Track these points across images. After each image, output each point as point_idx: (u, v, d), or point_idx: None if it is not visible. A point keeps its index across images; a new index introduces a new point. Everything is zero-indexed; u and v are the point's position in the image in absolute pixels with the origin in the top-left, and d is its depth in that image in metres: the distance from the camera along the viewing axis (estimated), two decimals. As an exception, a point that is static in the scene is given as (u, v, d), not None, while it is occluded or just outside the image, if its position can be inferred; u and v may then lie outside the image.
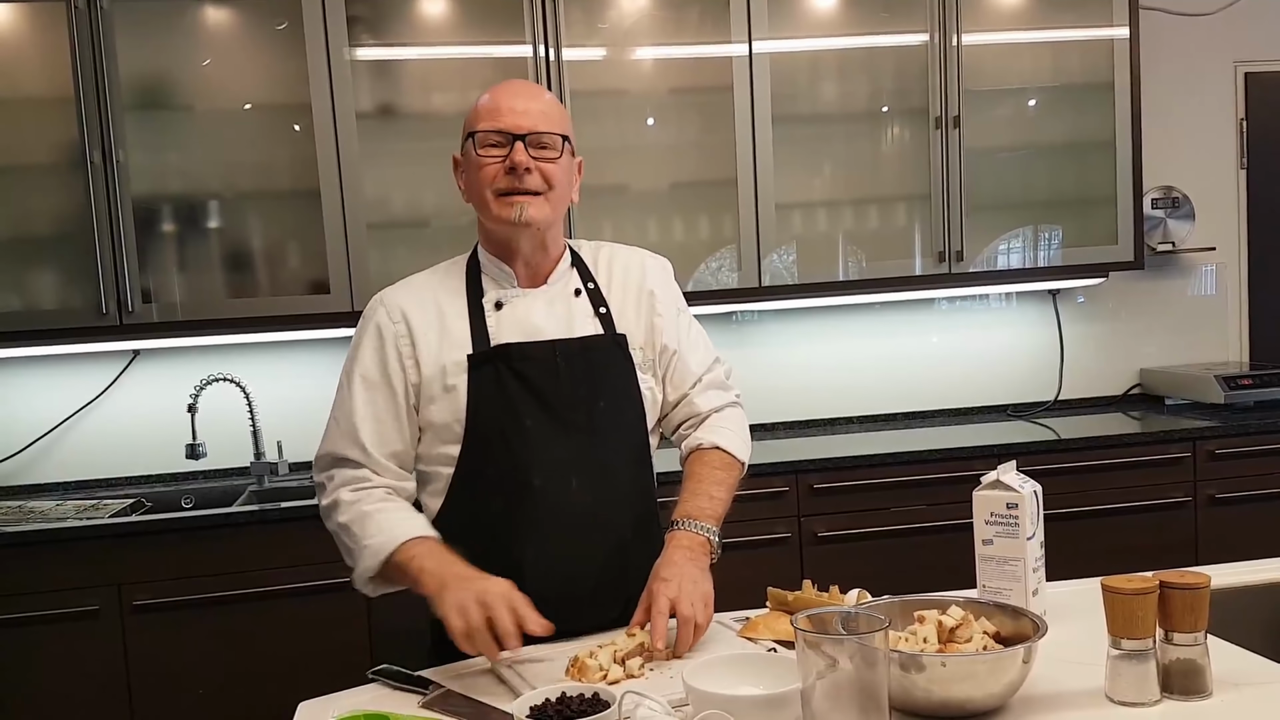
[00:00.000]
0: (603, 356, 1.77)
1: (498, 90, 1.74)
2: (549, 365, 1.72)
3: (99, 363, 3.37)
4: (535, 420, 1.70)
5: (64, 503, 3.12)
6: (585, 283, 1.82)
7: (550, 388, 1.71)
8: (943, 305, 3.87)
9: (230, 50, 3.10)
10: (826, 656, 1.14)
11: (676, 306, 1.89)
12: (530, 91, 1.74)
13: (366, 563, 1.66)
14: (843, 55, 3.41)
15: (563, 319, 1.77)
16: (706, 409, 1.87)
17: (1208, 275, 4.03)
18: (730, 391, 1.92)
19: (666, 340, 1.84)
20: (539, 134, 1.69)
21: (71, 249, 3.02)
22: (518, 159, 1.68)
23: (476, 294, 1.78)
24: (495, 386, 1.70)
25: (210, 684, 2.83)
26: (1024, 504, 1.53)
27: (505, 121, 1.69)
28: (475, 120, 1.73)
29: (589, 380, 1.74)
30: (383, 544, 1.64)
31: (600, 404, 1.75)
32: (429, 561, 1.60)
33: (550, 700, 1.28)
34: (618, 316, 1.81)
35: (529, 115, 1.70)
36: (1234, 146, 4.01)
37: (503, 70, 3.19)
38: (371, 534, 1.66)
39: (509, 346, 1.72)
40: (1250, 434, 3.34)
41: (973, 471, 1.73)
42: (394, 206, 3.22)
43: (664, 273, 1.91)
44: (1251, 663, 1.42)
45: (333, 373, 1.88)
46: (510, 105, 1.70)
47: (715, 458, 1.82)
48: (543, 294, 1.79)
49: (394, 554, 1.63)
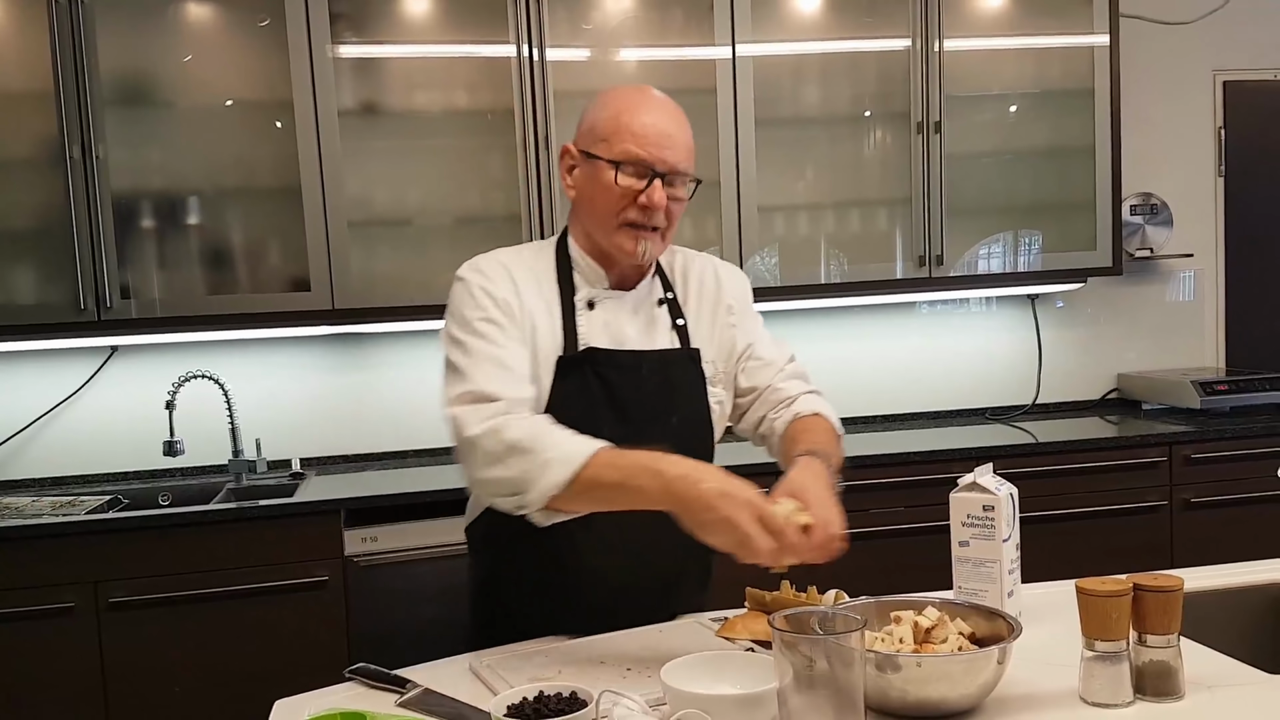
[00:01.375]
0: (679, 372, 1.75)
1: (639, 102, 1.66)
2: (635, 376, 1.70)
3: (77, 359, 3.35)
4: (610, 429, 1.59)
5: (40, 499, 3.10)
6: (665, 292, 1.80)
7: (632, 398, 1.69)
8: (923, 309, 3.89)
9: (212, 46, 3.09)
10: (803, 656, 1.14)
11: (752, 312, 1.89)
12: (671, 110, 1.68)
13: (554, 477, 1.49)
14: (825, 59, 3.42)
15: (645, 328, 1.75)
16: (795, 393, 1.83)
17: (1185, 281, 4.07)
18: (812, 384, 1.89)
19: (739, 344, 1.83)
20: (678, 174, 1.65)
21: (50, 244, 3.00)
22: (656, 199, 1.63)
23: (569, 289, 1.73)
24: (578, 388, 1.67)
25: (186, 682, 2.81)
26: (1000, 506, 1.54)
27: (652, 153, 1.62)
28: (612, 133, 1.64)
29: (665, 394, 1.72)
30: (570, 453, 1.50)
31: (674, 420, 1.73)
32: (651, 462, 1.47)
33: (528, 699, 1.28)
34: (693, 329, 1.79)
35: (674, 149, 1.64)
36: (1212, 154, 4.04)
37: (488, 70, 3.19)
38: (551, 447, 1.51)
39: (598, 351, 1.69)
40: (1226, 439, 3.38)
41: (951, 474, 1.74)
42: (376, 204, 3.21)
43: (740, 283, 1.90)
44: (1224, 665, 1.43)
45: (312, 370, 1.88)
46: (655, 127, 1.63)
47: (821, 422, 1.77)
48: (630, 299, 1.75)
49: (596, 457, 1.49)
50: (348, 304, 3.12)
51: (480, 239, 3.23)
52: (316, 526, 2.87)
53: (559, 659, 1.55)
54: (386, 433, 3.51)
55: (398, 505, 2.92)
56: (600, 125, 1.66)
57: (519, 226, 3.19)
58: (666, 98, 1.71)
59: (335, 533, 2.87)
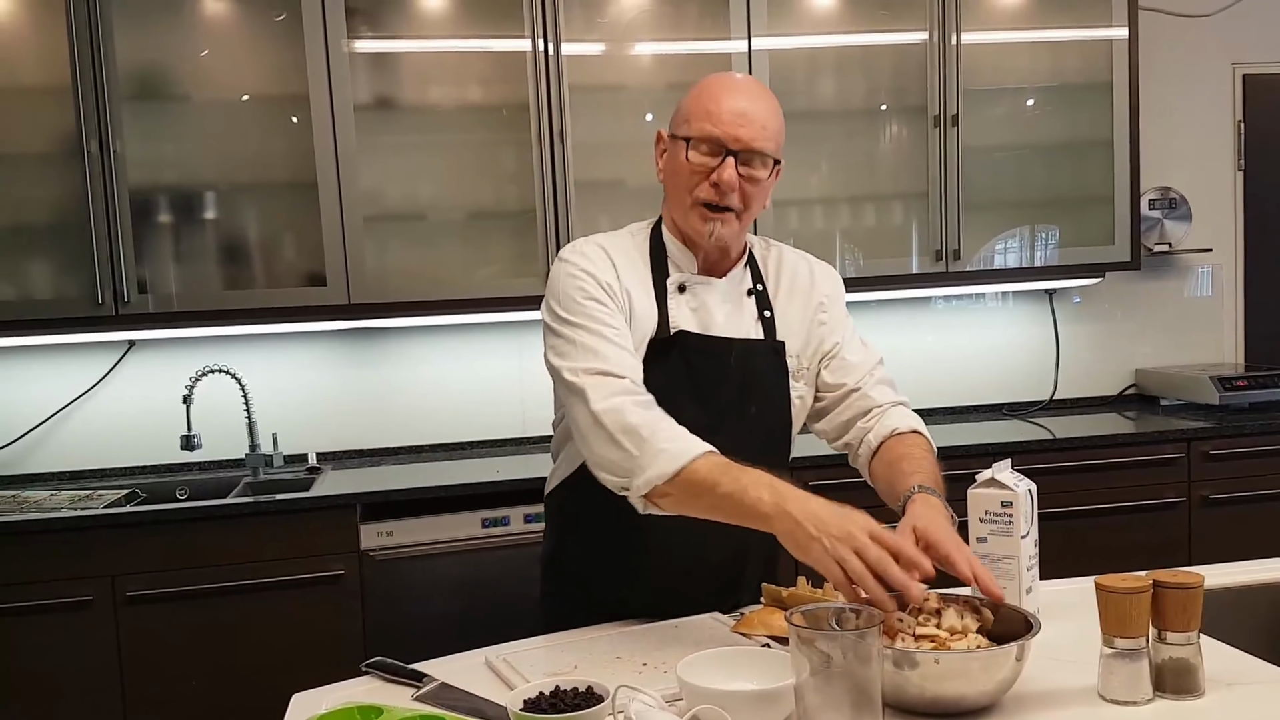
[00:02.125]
0: (761, 362, 1.76)
1: (722, 83, 1.67)
2: (722, 361, 1.72)
3: (94, 353, 3.37)
4: (691, 412, 1.61)
5: (58, 493, 3.12)
6: (756, 284, 1.81)
7: (713, 384, 1.71)
8: (939, 304, 3.88)
9: (228, 41, 3.10)
10: (820, 653, 1.14)
11: (843, 312, 1.88)
12: (754, 91, 1.67)
13: (661, 468, 1.50)
14: (841, 53, 3.41)
15: (734, 316, 1.77)
16: (884, 401, 1.82)
17: (1204, 276, 4.04)
18: (900, 394, 1.87)
19: (828, 343, 1.82)
20: (753, 152, 1.64)
21: (68, 239, 3.01)
22: (725, 177, 1.63)
23: (661, 273, 1.75)
24: (664, 370, 1.68)
25: (203, 675, 2.83)
26: (1018, 503, 1.53)
27: (723, 130, 1.62)
28: (692, 113, 1.66)
29: (746, 383, 1.74)
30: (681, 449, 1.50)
31: (752, 408, 1.74)
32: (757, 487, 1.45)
33: (544, 693, 1.28)
34: (780, 322, 1.80)
35: (748, 126, 1.62)
36: (1231, 148, 4.01)
37: (502, 64, 3.19)
38: (675, 437, 1.52)
39: (688, 335, 1.71)
40: (1245, 435, 3.35)
41: (968, 470, 1.73)
42: (391, 199, 3.21)
43: (832, 280, 1.89)
44: (1244, 663, 1.42)
45: (328, 364, 1.89)
46: (731, 106, 1.63)
47: (920, 441, 1.75)
48: (720, 286, 1.77)
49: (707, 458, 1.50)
50: (363, 299, 3.13)
51: (494, 234, 3.24)
52: (333, 521, 2.88)
53: (575, 654, 1.55)
54: (402, 427, 3.52)
55: (413, 500, 2.92)
56: (685, 108, 1.69)
57: (533, 221, 3.19)
58: (756, 82, 1.73)
59: (351, 527, 2.88)
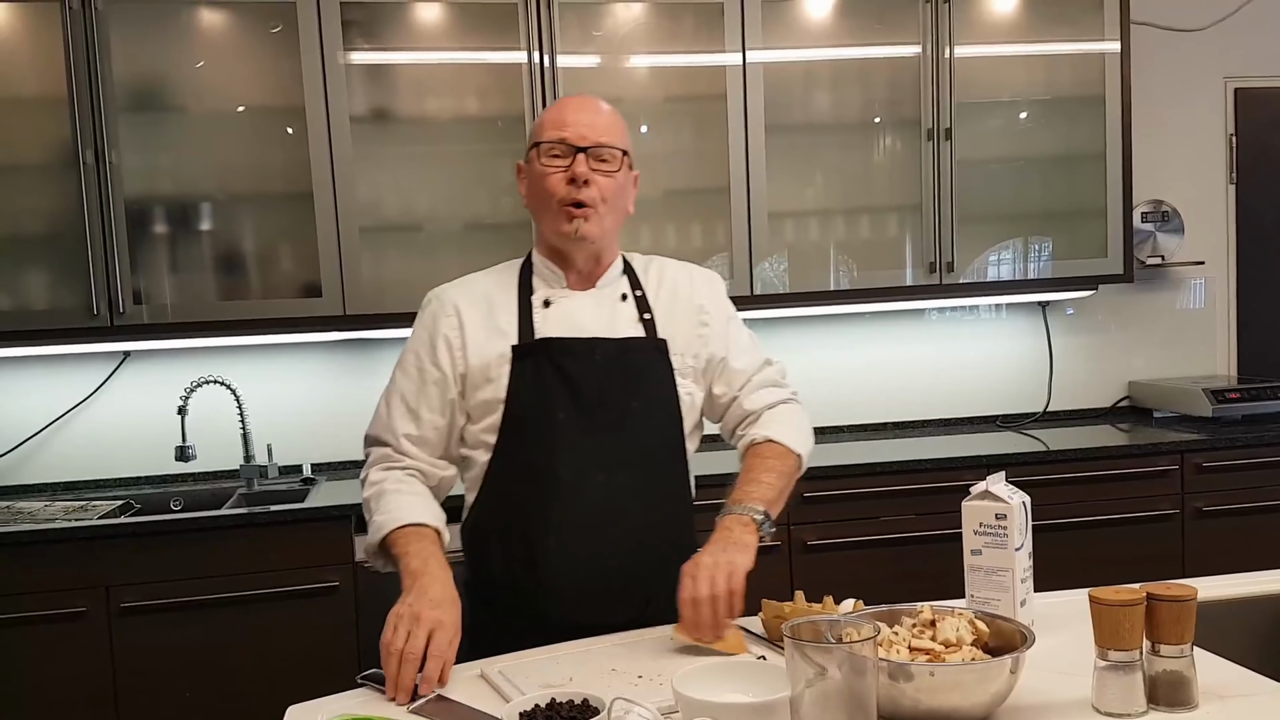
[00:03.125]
0: (641, 358, 1.81)
1: (564, 103, 1.83)
2: (588, 361, 1.77)
3: (89, 364, 3.36)
4: (567, 413, 1.75)
5: (52, 504, 3.11)
6: (633, 290, 1.87)
7: (586, 383, 1.76)
8: (933, 316, 3.89)
9: (224, 52, 3.10)
10: (815, 665, 1.14)
11: (725, 315, 1.93)
12: (594, 105, 1.81)
13: (370, 538, 1.74)
14: (836, 66, 3.43)
15: (607, 320, 1.83)
16: (758, 407, 1.90)
17: (1197, 289, 4.06)
18: (785, 389, 1.96)
19: (714, 349, 1.88)
20: (600, 146, 1.76)
21: (63, 249, 3.01)
22: (578, 170, 1.75)
23: (527, 292, 1.84)
24: (534, 378, 1.76)
25: (198, 687, 2.82)
26: (1013, 515, 1.54)
27: (569, 133, 1.76)
28: (540, 130, 1.80)
29: (625, 380, 1.79)
30: (384, 523, 1.72)
31: (634, 404, 1.78)
32: (412, 559, 1.65)
33: (540, 706, 1.28)
34: (661, 323, 1.85)
35: (593, 128, 1.77)
36: (1223, 161, 4.03)
37: (498, 77, 3.20)
38: (382, 511, 1.74)
39: (551, 340, 1.78)
40: (1237, 447, 3.36)
41: (962, 482, 1.74)
42: (387, 210, 3.22)
43: (713, 285, 1.95)
44: (1238, 675, 1.42)
45: (324, 375, 1.91)
46: (575, 118, 1.77)
47: (766, 449, 1.84)
48: (590, 295, 1.85)
49: (388, 536, 1.71)
50: (359, 309, 3.13)
51: (490, 244, 3.24)
52: (328, 532, 2.87)
53: (570, 666, 1.55)
54: (397, 438, 3.51)
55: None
56: (535, 129, 1.83)
57: (528, 232, 3.17)
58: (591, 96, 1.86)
59: (346, 538, 2.87)
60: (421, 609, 1.54)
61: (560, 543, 1.73)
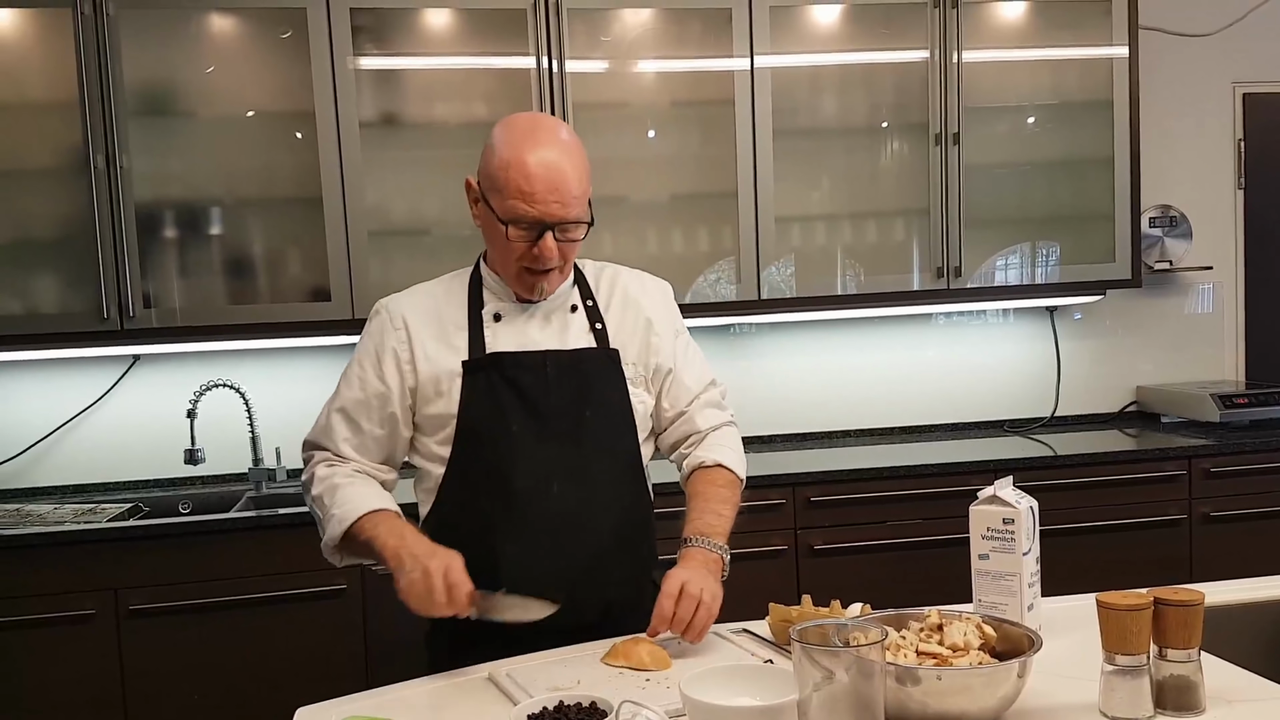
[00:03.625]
0: (594, 368, 1.81)
1: (529, 148, 1.68)
2: (540, 374, 1.77)
3: (99, 367, 3.38)
4: (521, 426, 1.75)
5: (62, 506, 3.12)
6: (584, 300, 1.87)
7: (539, 396, 1.77)
8: (940, 320, 3.89)
9: (234, 58, 3.12)
10: (823, 668, 1.15)
11: (674, 328, 1.93)
12: (562, 171, 1.68)
13: (331, 531, 1.74)
14: (843, 70, 3.43)
15: (558, 332, 1.83)
16: (705, 427, 1.90)
17: (1205, 294, 4.05)
18: (726, 412, 1.96)
19: (662, 360, 1.88)
20: (568, 223, 1.71)
21: (73, 253, 3.02)
22: (546, 246, 1.70)
23: (477, 305, 1.83)
24: (486, 392, 1.76)
25: (206, 690, 2.83)
26: (1020, 520, 1.54)
27: (539, 210, 1.67)
28: (507, 188, 1.68)
29: (578, 390, 1.79)
30: (345, 514, 1.72)
31: (587, 413, 1.79)
32: (388, 537, 1.67)
33: (548, 709, 1.29)
34: (613, 333, 1.85)
35: (563, 202, 1.68)
36: (1232, 166, 4.03)
37: (507, 82, 3.21)
38: (339, 504, 1.74)
39: (502, 355, 1.78)
40: (1245, 452, 3.36)
41: (969, 486, 1.74)
42: (395, 214, 3.23)
43: (664, 295, 1.95)
44: (1245, 680, 1.43)
45: (332, 379, 1.91)
46: (544, 180, 1.66)
47: (719, 475, 1.85)
48: (541, 308, 1.84)
49: (354, 525, 1.71)
50: (367, 314, 3.12)
51: (499, 249, 3.25)
52: (335, 535, 2.88)
53: (578, 669, 1.56)
54: (404, 442, 3.52)
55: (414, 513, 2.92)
56: (493, 174, 1.72)
57: (537, 237, 3.20)
58: (557, 134, 1.72)
59: (354, 541, 2.87)
60: (422, 563, 1.59)
61: (519, 551, 1.73)
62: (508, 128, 1.74)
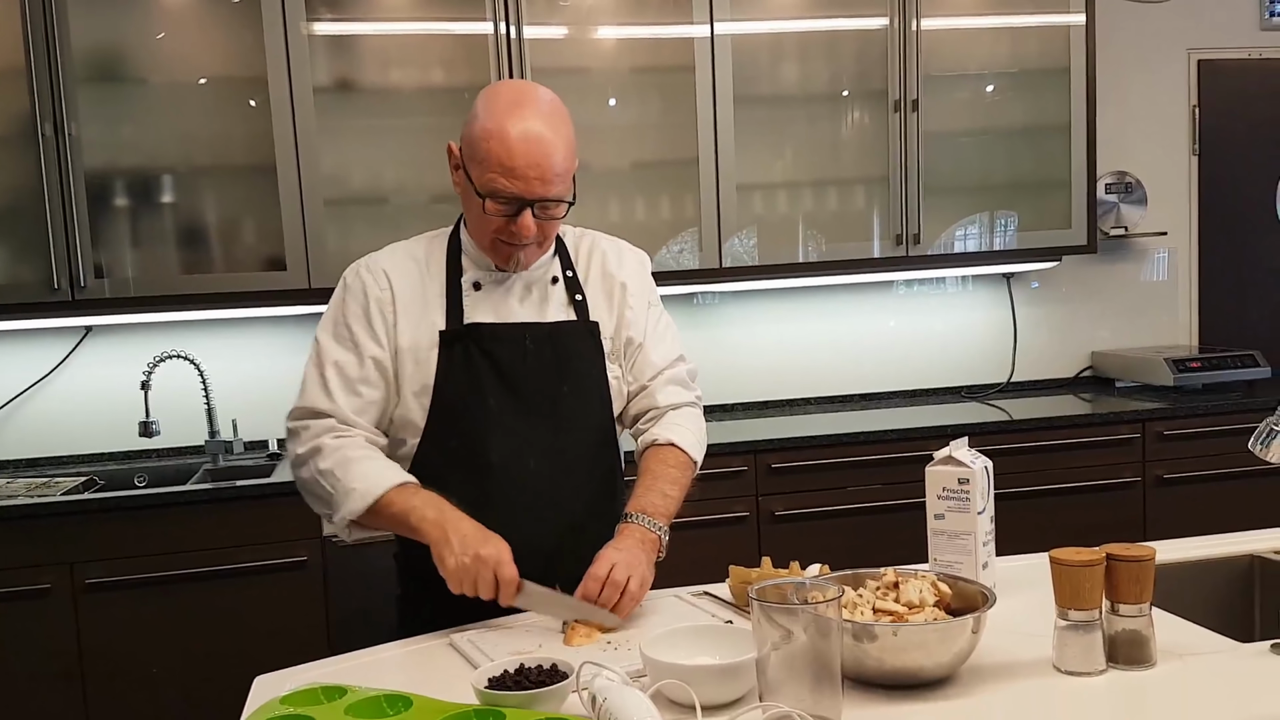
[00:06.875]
0: (572, 342, 1.79)
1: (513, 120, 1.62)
2: (518, 347, 1.75)
3: (50, 339, 3.32)
4: (498, 399, 1.73)
5: (15, 481, 3.08)
6: (564, 270, 1.84)
7: (516, 369, 1.75)
8: (900, 289, 3.91)
9: (185, 23, 3.06)
10: (781, 627, 1.16)
11: (648, 300, 1.90)
12: (545, 122, 1.64)
13: (352, 505, 1.66)
14: (804, 38, 3.42)
15: (537, 304, 1.80)
16: (665, 404, 1.86)
17: (1159, 260, 4.10)
18: (691, 391, 1.92)
19: (633, 333, 1.85)
20: (549, 201, 1.67)
21: (22, 223, 2.96)
22: (523, 228, 1.66)
23: (456, 273, 1.79)
24: (463, 364, 1.73)
25: (164, 663, 2.81)
26: (975, 479, 1.56)
27: (520, 186, 1.63)
28: (488, 161, 1.63)
29: (555, 364, 1.77)
30: (370, 488, 1.65)
31: (565, 388, 1.77)
32: (426, 509, 1.62)
33: (509, 671, 1.29)
34: (592, 305, 1.83)
35: (543, 177, 1.63)
36: (1186, 132, 4.07)
37: (464, 47, 3.17)
38: (358, 478, 1.67)
39: (480, 326, 1.75)
40: (1198, 415, 3.41)
41: (927, 451, 1.75)
42: (352, 183, 3.19)
43: (640, 266, 1.92)
44: (1194, 634, 1.45)
45: (289, 350, 1.89)
46: (526, 155, 1.61)
47: (671, 456, 1.81)
48: (521, 279, 1.80)
49: (383, 498, 1.64)
50: (324, 283, 3.10)
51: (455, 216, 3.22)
52: (294, 507, 2.80)
53: (539, 634, 1.56)
54: (364, 413, 3.49)
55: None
56: (474, 143, 1.66)
57: (497, 205, 3.18)
58: (546, 105, 1.67)
59: (313, 513, 2.85)
60: (474, 549, 1.55)
61: (494, 526, 1.67)
62: (492, 95, 1.68)
